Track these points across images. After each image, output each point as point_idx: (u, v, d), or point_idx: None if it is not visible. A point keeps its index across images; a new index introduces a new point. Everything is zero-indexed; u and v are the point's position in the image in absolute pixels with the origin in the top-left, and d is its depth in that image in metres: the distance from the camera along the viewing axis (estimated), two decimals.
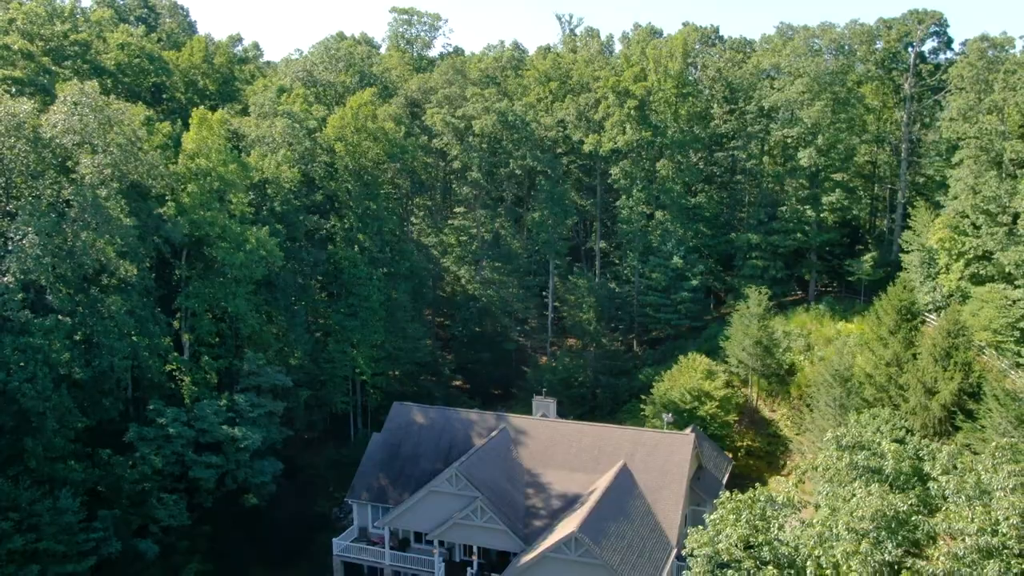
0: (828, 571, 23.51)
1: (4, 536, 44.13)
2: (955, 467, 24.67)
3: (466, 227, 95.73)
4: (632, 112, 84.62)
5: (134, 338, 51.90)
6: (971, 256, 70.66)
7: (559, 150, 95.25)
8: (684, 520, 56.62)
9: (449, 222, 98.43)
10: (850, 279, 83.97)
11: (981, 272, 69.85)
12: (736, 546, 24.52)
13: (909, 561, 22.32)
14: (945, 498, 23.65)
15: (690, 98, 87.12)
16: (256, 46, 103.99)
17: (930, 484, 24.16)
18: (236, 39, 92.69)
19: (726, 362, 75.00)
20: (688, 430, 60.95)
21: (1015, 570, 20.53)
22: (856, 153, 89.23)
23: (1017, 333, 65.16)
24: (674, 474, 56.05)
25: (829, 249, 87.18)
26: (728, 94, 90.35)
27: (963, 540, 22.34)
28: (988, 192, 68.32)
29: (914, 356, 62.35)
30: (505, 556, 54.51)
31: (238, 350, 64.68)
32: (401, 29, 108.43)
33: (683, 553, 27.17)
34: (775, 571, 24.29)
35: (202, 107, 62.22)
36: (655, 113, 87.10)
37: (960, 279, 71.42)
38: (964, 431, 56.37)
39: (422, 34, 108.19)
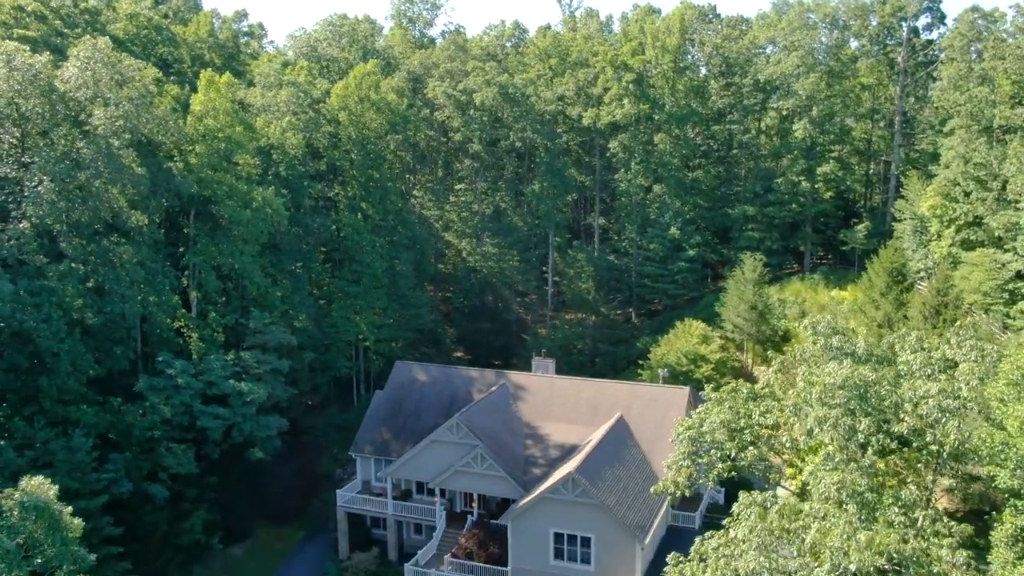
0: (802, 438, 25.07)
1: (20, 472, 45.46)
2: (923, 348, 26.30)
3: (467, 203, 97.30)
4: (630, 86, 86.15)
5: (143, 287, 53.42)
6: (962, 222, 72.10)
7: (559, 129, 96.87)
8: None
9: (451, 199, 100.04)
10: (844, 249, 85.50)
11: (971, 238, 71.29)
12: (719, 430, 26.08)
13: (880, 437, 23.85)
14: (913, 374, 25.23)
15: (687, 72, 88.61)
16: (261, 26, 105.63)
17: (899, 364, 25.73)
18: (242, 14, 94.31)
19: (722, 327, 76.51)
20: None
21: (977, 427, 22.02)
22: (852, 131, 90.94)
23: (1006, 295, 66.60)
24: (669, 426, 57.19)
25: (824, 220, 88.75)
26: (724, 68, 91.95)
27: (926, 403, 23.92)
28: (978, 159, 69.79)
29: (905, 316, 63.78)
30: (505, 505, 55.96)
31: (244, 310, 66.21)
32: (403, 7, 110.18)
33: (670, 451, 28.73)
34: (754, 451, 25.86)
35: (209, 69, 63.71)
36: (653, 88, 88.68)
37: (951, 245, 72.84)
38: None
39: (424, 12, 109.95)
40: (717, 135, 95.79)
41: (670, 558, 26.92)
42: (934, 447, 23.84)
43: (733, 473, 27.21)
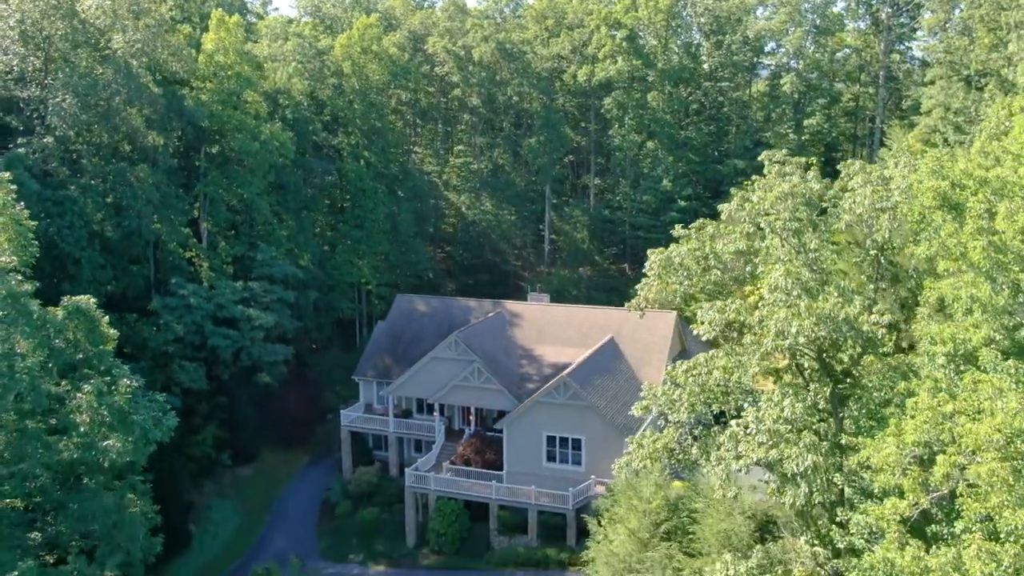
0: (754, 246, 28.00)
1: None
2: (865, 171, 29.25)
3: (467, 163, 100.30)
4: (623, 43, 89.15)
5: (157, 208, 56.38)
6: None
7: (556, 94, 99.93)
8: None
9: (450, 161, 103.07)
10: None
11: None
12: (687, 257, 29.05)
13: (826, 254, 26.79)
14: (854, 190, 28.21)
15: (680, 30, 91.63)
16: None
17: (846, 193, 28.70)
18: None
19: None
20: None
21: (911, 217, 24.83)
22: (840, 96, 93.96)
23: None
24: (657, 345, 60.48)
25: None
26: (715, 27, 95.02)
27: (862, 205, 26.91)
28: (956, 105, 72.74)
29: None
30: (500, 419, 58.85)
31: (252, 245, 69.20)
32: None
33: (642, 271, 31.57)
34: (718, 273, 28.85)
35: (220, 9, 66.73)
36: (646, 48, 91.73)
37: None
38: None
39: None
40: (709, 91, 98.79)
41: (644, 385, 29.84)
42: (873, 252, 26.79)
43: (697, 289, 30.16)
